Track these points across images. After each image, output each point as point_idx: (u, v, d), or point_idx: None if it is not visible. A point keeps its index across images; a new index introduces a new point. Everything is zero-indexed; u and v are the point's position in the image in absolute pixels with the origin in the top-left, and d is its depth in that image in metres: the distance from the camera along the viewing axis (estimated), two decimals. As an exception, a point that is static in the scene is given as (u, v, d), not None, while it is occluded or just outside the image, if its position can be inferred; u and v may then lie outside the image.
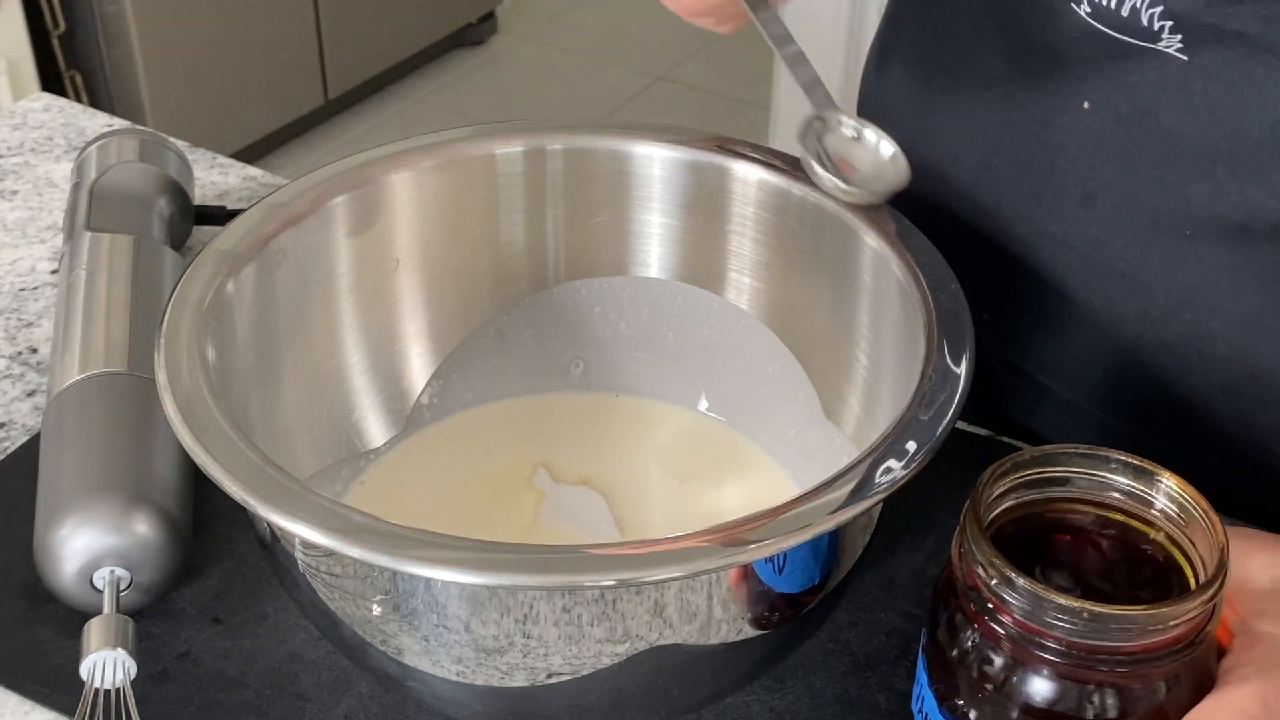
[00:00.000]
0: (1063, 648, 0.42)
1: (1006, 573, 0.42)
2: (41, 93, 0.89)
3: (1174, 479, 0.45)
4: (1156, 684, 0.42)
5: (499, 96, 2.65)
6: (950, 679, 0.45)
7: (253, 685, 0.54)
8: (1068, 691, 0.42)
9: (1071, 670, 0.42)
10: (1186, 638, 0.42)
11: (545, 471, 0.61)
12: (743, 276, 0.61)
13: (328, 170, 0.58)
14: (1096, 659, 0.42)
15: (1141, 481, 0.45)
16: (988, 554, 0.43)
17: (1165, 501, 0.45)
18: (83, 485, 0.54)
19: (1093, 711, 0.42)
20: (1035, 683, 0.43)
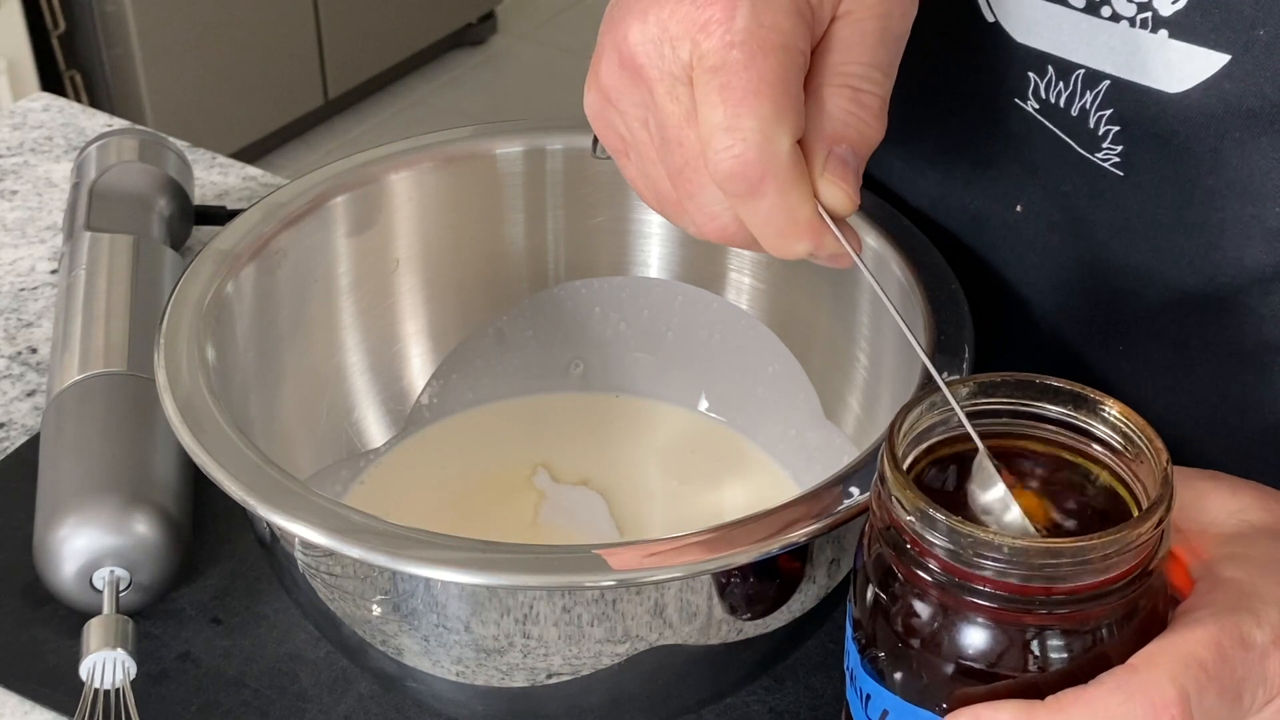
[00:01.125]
0: (993, 590, 0.37)
1: (926, 510, 0.38)
2: (41, 93, 0.89)
3: (1117, 405, 0.40)
4: (1098, 626, 0.38)
5: (499, 96, 2.65)
6: (875, 635, 0.41)
7: (253, 685, 0.54)
8: (1002, 642, 0.38)
9: (1004, 616, 0.38)
10: (1129, 574, 0.38)
11: (545, 471, 0.61)
12: (743, 276, 0.61)
13: (328, 170, 0.58)
14: (1031, 601, 0.37)
15: (1082, 411, 0.41)
16: (905, 491, 0.38)
17: (1108, 432, 0.41)
18: (82, 485, 0.54)
19: (1031, 662, 0.38)
20: (966, 633, 0.38)
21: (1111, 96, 0.51)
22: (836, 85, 0.44)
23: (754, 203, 0.43)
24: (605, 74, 0.46)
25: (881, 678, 0.40)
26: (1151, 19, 0.49)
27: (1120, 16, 0.50)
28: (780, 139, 0.42)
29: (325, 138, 2.48)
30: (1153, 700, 0.36)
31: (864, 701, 0.41)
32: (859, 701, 0.41)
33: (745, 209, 0.44)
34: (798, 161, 0.43)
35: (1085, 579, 0.37)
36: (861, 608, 0.41)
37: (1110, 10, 0.50)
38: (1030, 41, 0.53)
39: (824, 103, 0.44)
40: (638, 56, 0.44)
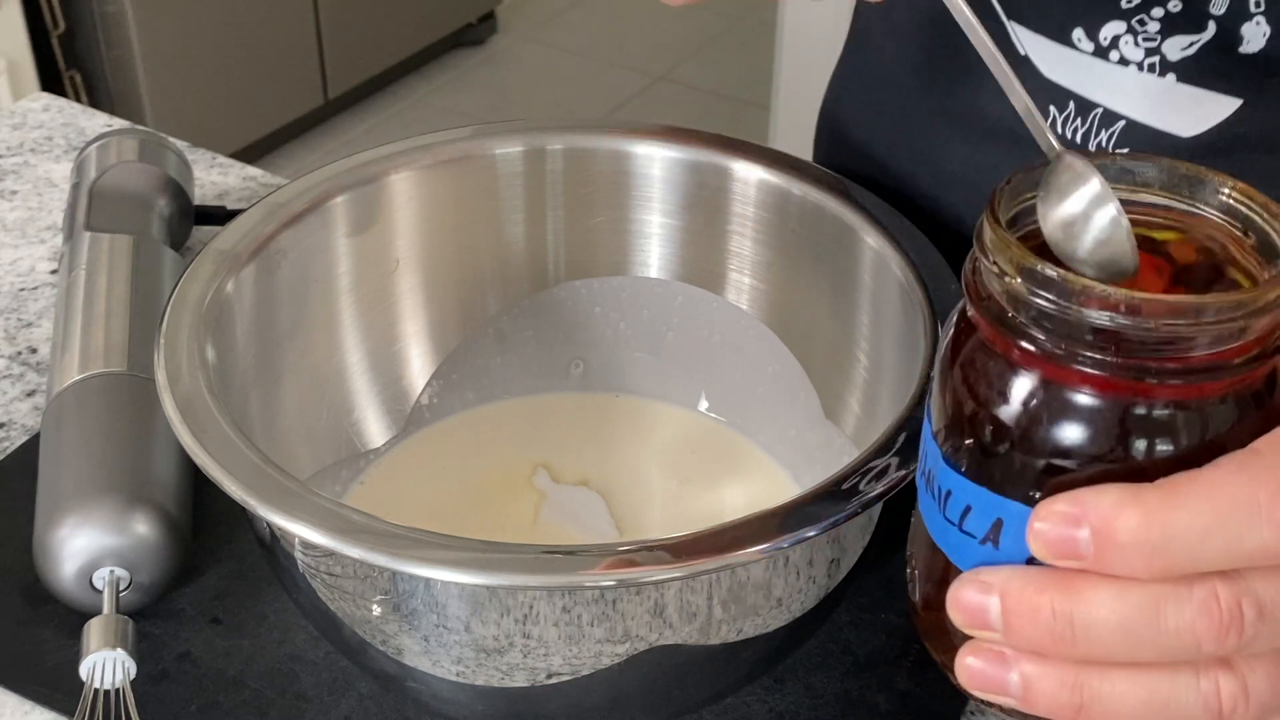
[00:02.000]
0: (1103, 357, 0.34)
1: (1033, 266, 0.34)
2: (41, 93, 0.89)
3: (1239, 186, 0.37)
4: (1215, 407, 0.34)
5: (499, 96, 2.65)
6: (962, 421, 0.37)
7: (253, 685, 0.54)
8: (1108, 420, 0.34)
9: (1113, 388, 0.34)
10: (1253, 348, 0.34)
11: (545, 472, 0.61)
12: (743, 276, 0.61)
13: (328, 170, 0.58)
14: (1144, 370, 0.33)
15: (1197, 195, 0.37)
16: (1010, 248, 0.34)
17: (1225, 218, 0.37)
18: (82, 485, 0.54)
19: (1140, 444, 0.34)
20: (1068, 411, 0.35)
21: (1127, 137, 0.51)
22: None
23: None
24: None
25: (965, 470, 0.36)
26: (1159, 64, 0.49)
27: (1129, 61, 0.50)
28: None
29: (325, 138, 2.48)
30: (1279, 481, 0.33)
31: (942, 502, 0.37)
32: (936, 504, 0.38)
33: None
34: None
35: (1205, 347, 0.33)
36: (945, 397, 0.37)
37: (1119, 54, 0.50)
38: (1056, 78, 0.53)
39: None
40: None
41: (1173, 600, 0.33)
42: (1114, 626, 0.33)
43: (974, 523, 0.36)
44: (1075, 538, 0.33)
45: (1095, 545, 0.33)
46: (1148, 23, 0.49)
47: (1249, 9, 0.47)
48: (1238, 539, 0.33)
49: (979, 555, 0.36)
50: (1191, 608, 0.33)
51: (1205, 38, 0.48)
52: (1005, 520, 0.36)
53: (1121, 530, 0.33)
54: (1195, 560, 0.33)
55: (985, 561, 0.36)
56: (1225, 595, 0.33)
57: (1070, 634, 0.34)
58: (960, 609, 0.36)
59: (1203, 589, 0.33)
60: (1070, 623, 0.34)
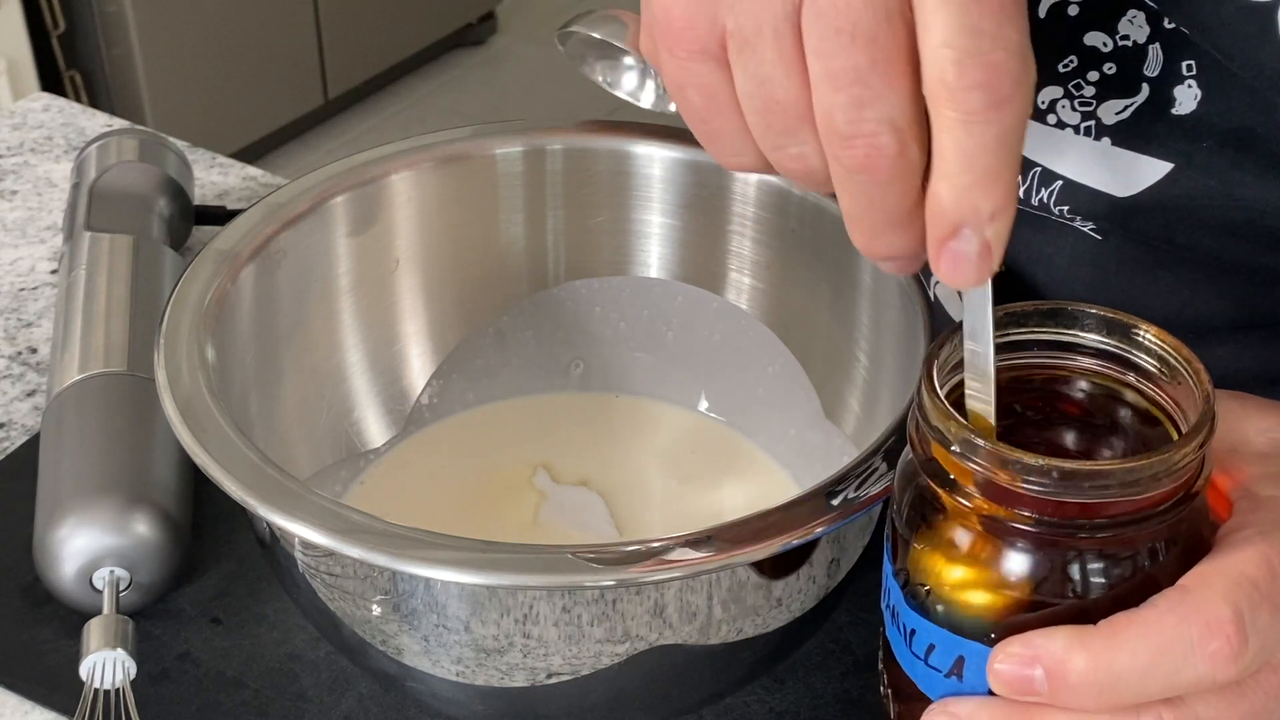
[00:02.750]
0: (1040, 515, 0.37)
1: (967, 437, 0.37)
2: (41, 93, 0.89)
3: (1153, 329, 0.40)
4: (1143, 550, 0.38)
5: (499, 96, 2.65)
6: (918, 569, 0.40)
7: (253, 685, 0.54)
8: (1048, 568, 0.38)
9: (1051, 541, 0.37)
10: (1175, 494, 0.37)
11: (545, 472, 0.61)
12: (743, 276, 0.61)
13: (328, 170, 0.58)
14: (1075, 525, 0.37)
15: (1116, 337, 0.40)
16: (947, 421, 0.38)
17: (1144, 357, 0.40)
18: (82, 485, 0.54)
19: (1079, 588, 0.38)
20: (1013, 561, 0.38)
21: (1066, 194, 0.52)
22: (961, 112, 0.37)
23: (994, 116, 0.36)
24: None
25: (926, 612, 0.40)
26: (1095, 127, 0.50)
27: (1065, 124, 0.51)
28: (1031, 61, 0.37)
29: (325, 138, 2.48)
30: (1207, 620, 0.36)
31: (908, 638, 0.41)
32: (902, 639, 0.41)
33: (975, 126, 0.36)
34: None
35: (1132, 501, 0.37)
36: (901, 543, 0.41)
37: (1055, 118, 0.51)
38: None
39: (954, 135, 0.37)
40: None
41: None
42: None
43: (938, 659, 0.40)
44: (1030, 677, 0.37)
45: (1049, 684, 0.37)
46: (1084, 86, 0.49)
47: (1181, 72, 0.48)
48: (1175, 673, 0.36)
49: (945, 687, 0.40)
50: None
51: (1139, 100, 0.49)
52: (966, 657, 0.39)
53: (1071, 672, 0.37)
54: (1139, 693, 0.37)
55: (952, 692, 0.40)
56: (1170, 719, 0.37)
57: None
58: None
59: (1149, 715, 0.37)
60: None
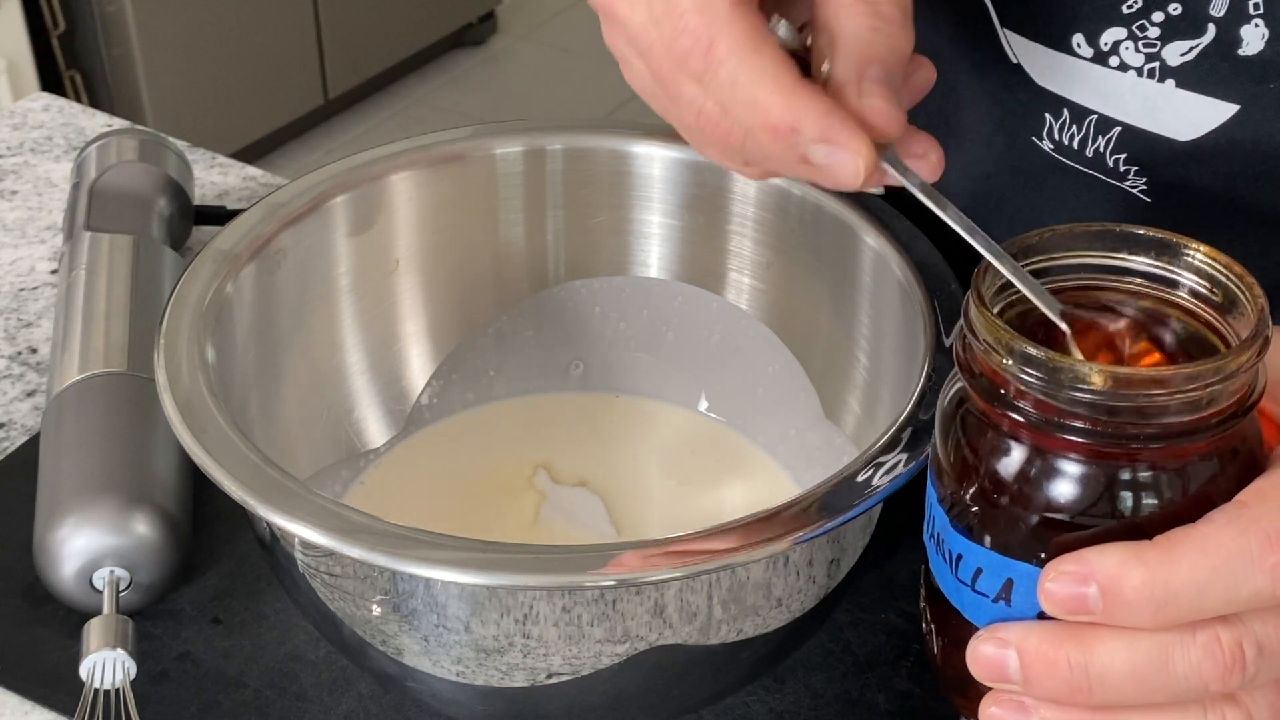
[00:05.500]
0: (1092, 427, 0.36)
1: (1022, 347, 0.36)
2: (41, 93, 0.89)
3: (1204, 249, 0.39)
4: (1197, 465, 0.37)
5: (499, 96, 2.65)
6: (966, 492, 0.39)
7: (253, 685, 0.54)
8: (1101, 484, 0.37)
9: (1104, 455, 0.37)
10: (1230, 409, 0.36)
11: (545, 472, 0.61)
12: (743, 276, 0.61)
13: (328, 170, 0.58)
14: (1128, 436, 0.36)
15: (1166, 258, 0.40)
16: (998, 332, 0.37)
17: (1194, 279, 0.39)
18: (82, 485, 0.54)
19: (1132, 504, 0.37)
20: (1064, 477, 0.37)
21: (1124, 142, 0.52)
22: (849, 4, 0.43)
23: (715, 74, 0.42)
24: None
25: (974, 534, 0.39)
26: (1159, 69, 0.49)
27: (1128, 66, 0.50)
28: (715, 5, 0.41)
29: (325, 138, 2.48)
30: (1267, 532, 0.35)
31: (954, 565, 0.40)
32: (947, 567, 0.40)
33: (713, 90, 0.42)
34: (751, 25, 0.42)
35: (1186, 410, 0.36)
36: (947, 467, 0.40)
37: (1119, 60, 0.50)
38: (1048, 85, 0.54)
39: (842, 26, 0.43)
40: None
41: (1179, 646, 0.36)
42: (1126, 674, 0.36)
43: (986, 583, 0.39)
44: (1084, 594, 0.36)
45: (1104, 601, 0.36)
46: (1148, 28, 0.49)
47: (1248, 10, 0.47)
48: (1234, 588, 0.35)
49: (993, 613, 0.39)
50: (1196, 652, 0.36)
51: (1204, 41, 0.48)
52: (1015, 580, 0.38)
53: (1127, 587, 0.35)
54: (1197, 610, 0.36)
55: (999, 618, 0.39)
56: (1227, 639, 0.36)
57: (1086, 683, 0.36)
58: (980, 664, 0.38)
59: (1205, 634, 0.36)
60: (1085, 673, 0.36)
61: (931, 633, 0.42)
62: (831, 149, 0.42)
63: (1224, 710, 0.37)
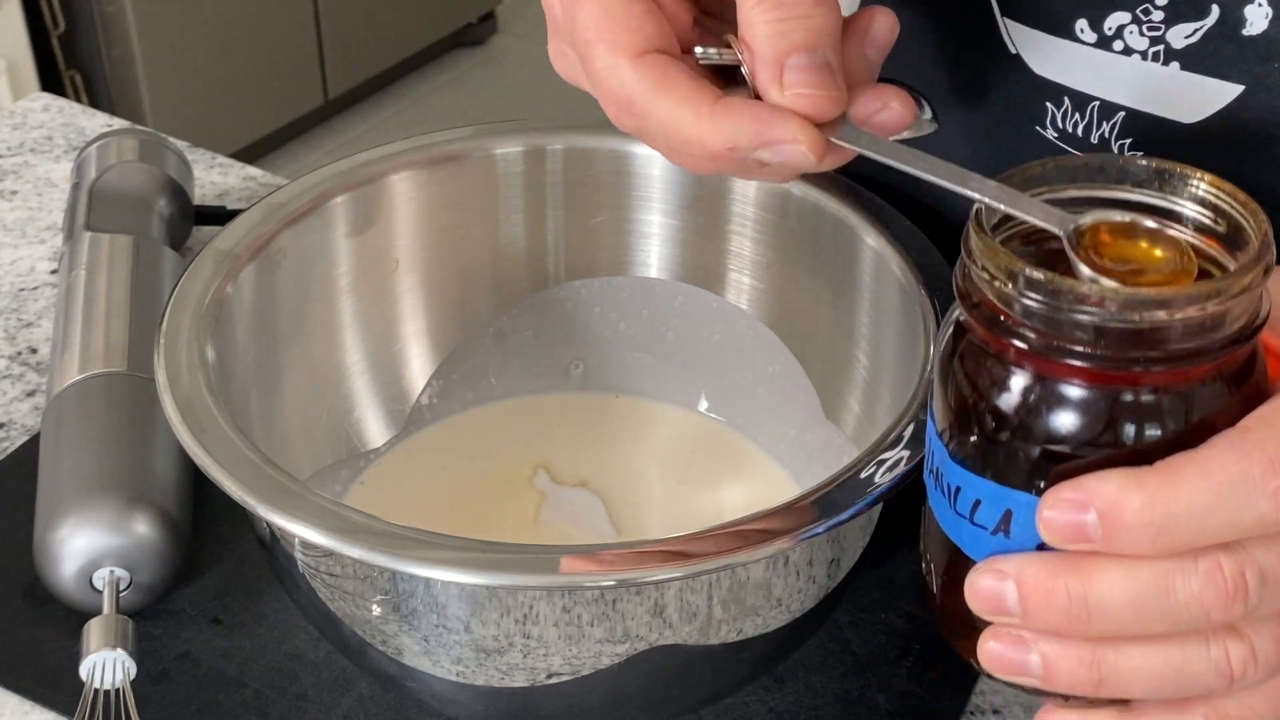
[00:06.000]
0: (1093, 351, 0.35)
1: (1020, 269, 0.36)
2: (41, 93, 0.89)
3: (1207, 178, 0.38)
4: (1199, 390, 0.36)
5: (499, 96, 2.65)
6: (965, 422, 0.38)
7: (253, 685, 0.54)
8: (1102, 409, 0.36)
9: (1105, 379, 0.36)
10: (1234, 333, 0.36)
11: (545, 472, 0.61)
12: (743, 276, 0.61)
13: (328, 170, 0.58)
14: (1130, 359, 0.35)
15: (1169, 188, 0.39)
16: (997, 256, 0.36)
17: (1197, 210, 0.39)
18: (82, 485, 0.54)
19: (1134, 430, 0.36)
20: (1064, 403, 0.36)
21: (1128, 127, 0.52)
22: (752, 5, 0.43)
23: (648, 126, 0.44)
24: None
25: (973, 465, 0.38)
26: (1164, 52, 0.50)
27: (1132, 50, 0.50)
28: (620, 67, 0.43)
29: (325, 138, 2.48)
30: (1270, 456, 0.35)
31: (952, 498, 0.39)
32: (946, 501, 0.39)
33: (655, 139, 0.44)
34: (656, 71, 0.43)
35: (1189, 335, 0.35)
36: (946, 397, 0.39)
37: (1123, 44, 0.50)
38: (1047, 74, 0.54)
39: (751, 31, 0.43)
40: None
41: (1179, 574, 0.35)
42: (1126, 603, 0.35)
43: (984, 515, 0.38)
44: (1083, 522, 0.35)
45: (1103, 528, 0.35)
46: (1152, 11, 0.49)
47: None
48: (1236, 513, 0.34)
49: (991, 545, 0.38)
50: (1198, 580, 0.35)
51: (1209, 23, 0.49)
52: (1014, 510, 0.37)
53: (1127, 512, 0.34)
54: (1198, 536, 0.35)
55: (998, 551, 0.38)
56: (1229, 566, 0.35)
57: (1085, 613, 0.36)
58: (978, 597, 0.37)
59: (1207, 561, 0.35)
60: (1085, 603, 0.36)
61: (931, 573, 0.42)
62: (773, 149, 0.43)
63: (1226, 642, 0.36)
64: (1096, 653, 0.36)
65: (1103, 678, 0.37)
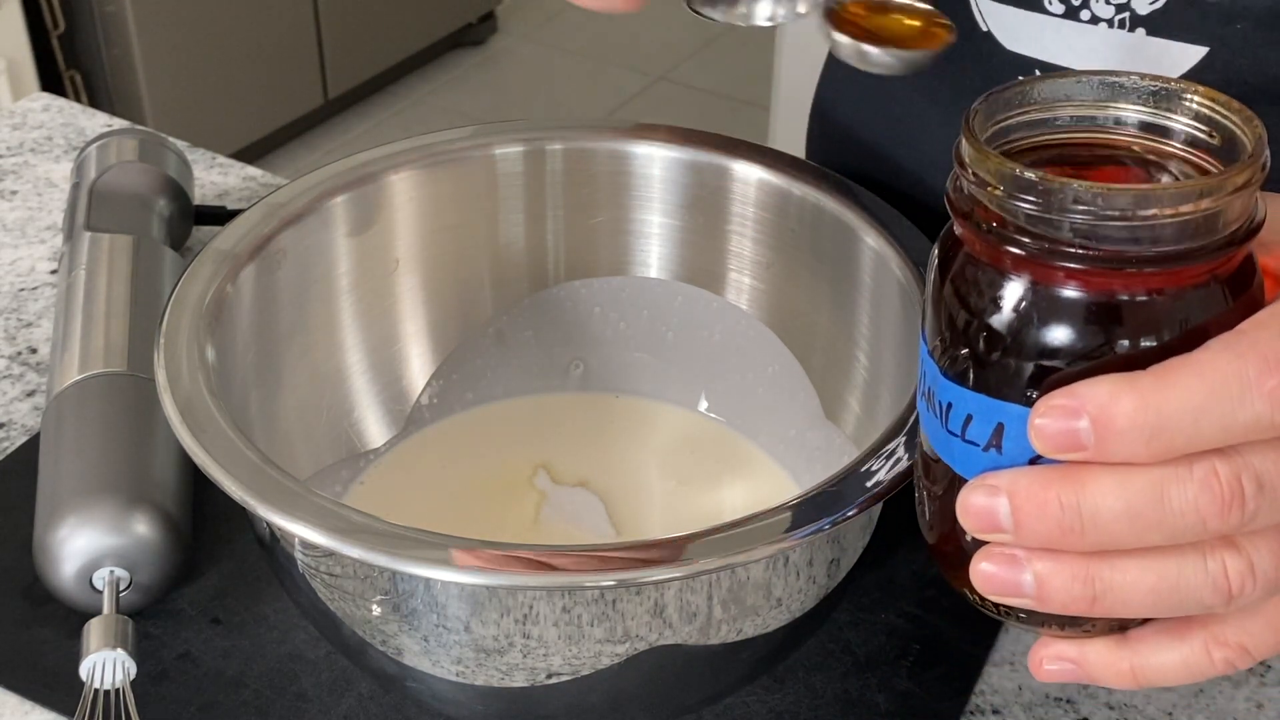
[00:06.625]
0: (1086, 251, 0.35)
1: (1011, 171, 0.35)
2: (41, 93, 0.89)
3: (1201, 91, 0.38)
4: (1193, 296, 0.36)
5: (499, 96, 2.65)
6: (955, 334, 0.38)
7: (253, 685, 0.54)
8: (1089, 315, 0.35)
9: (1098, 283, 0.35)
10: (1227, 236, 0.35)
11: (545, 472, 0.61)
12: (743, 276, 0.61)
13: (327, 170, 0.58)
14: (1123, 259, 0.35)
15: (1163, 104, 0.38)
16: (988, 159, 0.36)
17: (1191, 124, 0.38)
18: (82, 485, 0.54)
19: (1122, 335, 0.35)
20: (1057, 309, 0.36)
21: None
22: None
23: None
24: None
25: (962, 380, 0.37)
26: (1129, 19, 0.51)
27: (1099, 19, 0.51)
28: None
29: (325, 138, 2.48)
30: (1264, 355, 0.34)
31: (944, 416, 0.38)
32: (937, 420, 0.39)
33: None
34: None
35: (1183, 235, 0.35)
36: (938, 314, 0.38)
37: (1090, 13, 0.51)
38: (1017, 49, 0.55)
39: None
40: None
41: (1174, 481, 0.34)
42: (1120, 512, 0.35)
43: (976, 430, 0.37)
44: (1075, 429, 0.34)
45: (1095, 434, 0.34)
46: None
47: None
48: (1231, 414, 0.34)
49: (983, 462, 0.37)
50: (1193, 486, 0.34)
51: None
52: (1006, 424, 0.37)
53: (1119, 415, 0.34)
54: (1192, 439, 0.34)
55: (990, 467, 0.37)
56: (1225, 471, 0.34)
57: (1079, 525, 0.35)
58: (970, 514, 0.37)
59: (1202, 467, 0.34)
60: (1078, 513, 0.35)
61: (924, 500, 0.41)
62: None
63: (1224, 556, 0.35)
64: (1091, 568, 0.36)
65: (1097, 594, 0.36)
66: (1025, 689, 0.54)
